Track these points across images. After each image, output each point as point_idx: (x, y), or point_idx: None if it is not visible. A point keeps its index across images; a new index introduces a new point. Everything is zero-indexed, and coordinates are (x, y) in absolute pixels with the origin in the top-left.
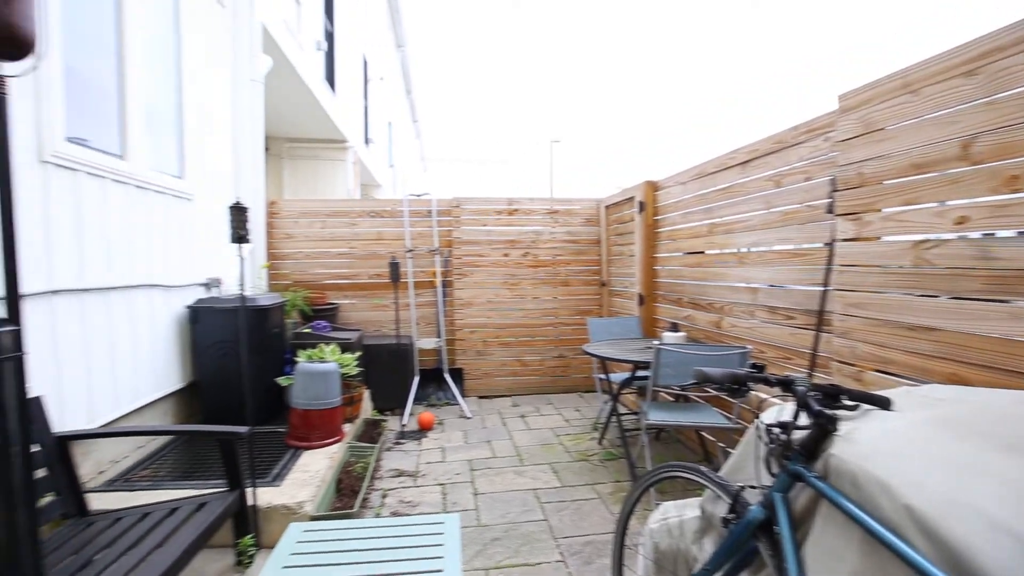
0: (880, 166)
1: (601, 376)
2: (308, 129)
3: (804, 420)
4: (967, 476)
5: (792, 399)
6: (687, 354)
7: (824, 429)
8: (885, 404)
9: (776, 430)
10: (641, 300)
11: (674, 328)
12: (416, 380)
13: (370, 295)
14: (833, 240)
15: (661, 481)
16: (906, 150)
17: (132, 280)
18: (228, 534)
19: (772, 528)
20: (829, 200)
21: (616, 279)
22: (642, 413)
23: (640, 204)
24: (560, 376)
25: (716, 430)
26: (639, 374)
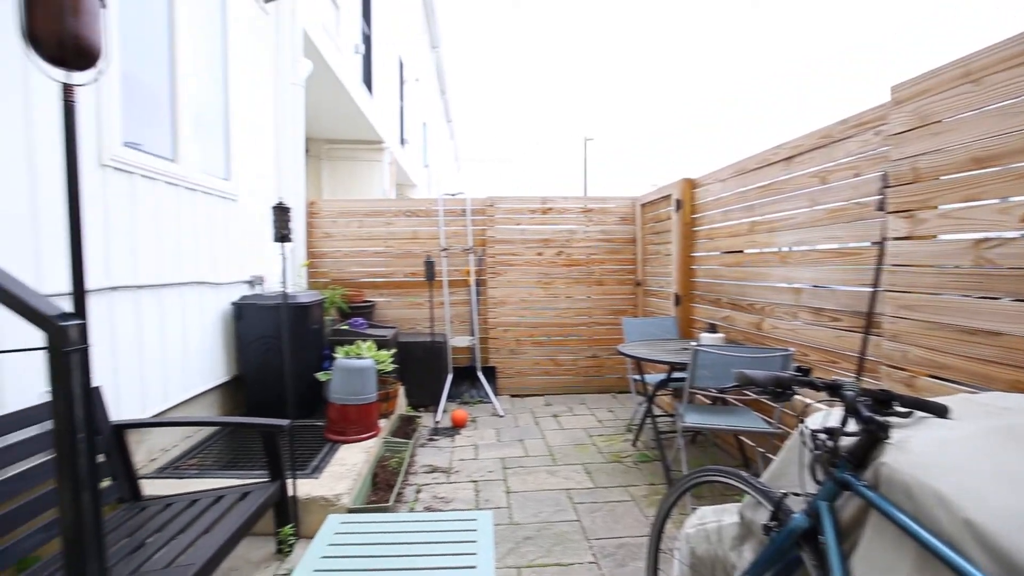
0: (936, 160)
1: (636, 377)
2: (346, 130)
3: (853, 427)
4: None
5: (840, 404)
6: (726, 356)
7: (875, 436)
8: (942, 412)
9: (822, 436)
10: (677, 300)
11: (712, 329)
12: (450, 378)
13: (405, 293)
14: (884, 239)
15: (699, 485)
16: (966, 143)
17: (182, 278)
18: (269, 523)
19: (817, 538)
20: (880, 197)
21: (652, 279)
22: (678, 415)
23: (677, 202)
24: (593, 376)
25: (755, 435)
26: (675, 375)
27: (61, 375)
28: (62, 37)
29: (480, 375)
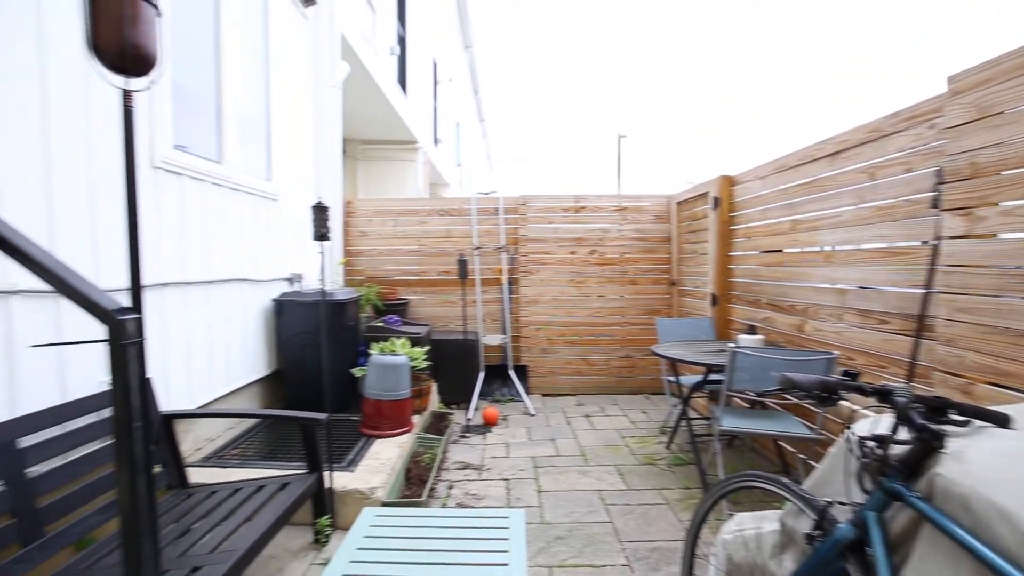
0: (998, 154)
1: (670, 378)
2: (381, 131)
3: (904, 435)
4: None
5: (890, 411)
6: (766, 358)
7: (928, 445)
8: (1003, 421)
9: (871, 444)
10: (714, 300)
11: (751, 330)
12: (481, 375)
13: (438, 291)
14: (938, 237)
15: (737, 491)
16: None
17: (227, 275)
18: (307, 513)
19: (864, 549)
20: (934, 193)
21: (687, 278)
22: (714, 419)
23: (715, 200)
24: (626, 377)
25: (796, 440)
26: (712, 378)
27: (119, 366)
28: (122, 46)
29: (512, 374)
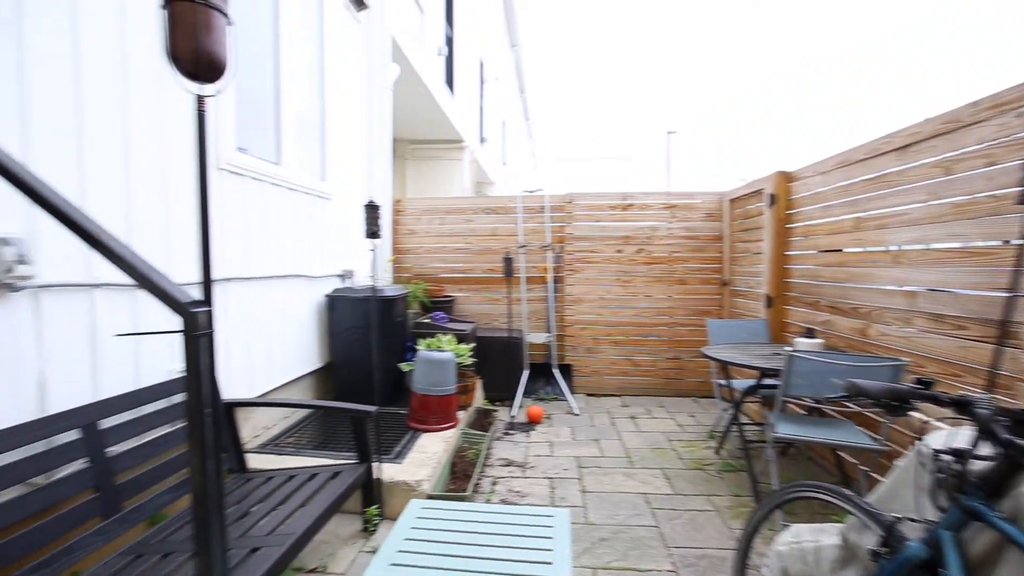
0: None
1: (721, 382)
2: (428, 131)
3: (986, 449)
4: None
5: (969, 423)
6: (826, 363)
7: (1014, 462)
8: None
9: (947, 458)
10: (769, 302)
11: (809, 334)
12: (526, 373)
13: (483, 289)
14: None
15: (793, 501)
16: None
17: (284, 271)
18: (356, 502)
19: (936, 570)
20: (1021, 188)
21: (740, 278)
22: (768, 425)
23: (770, 197)
24: (673, 379)
25: (857, 450)
26: (766, 382)
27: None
28: (197, 53)
29: (556, 372)
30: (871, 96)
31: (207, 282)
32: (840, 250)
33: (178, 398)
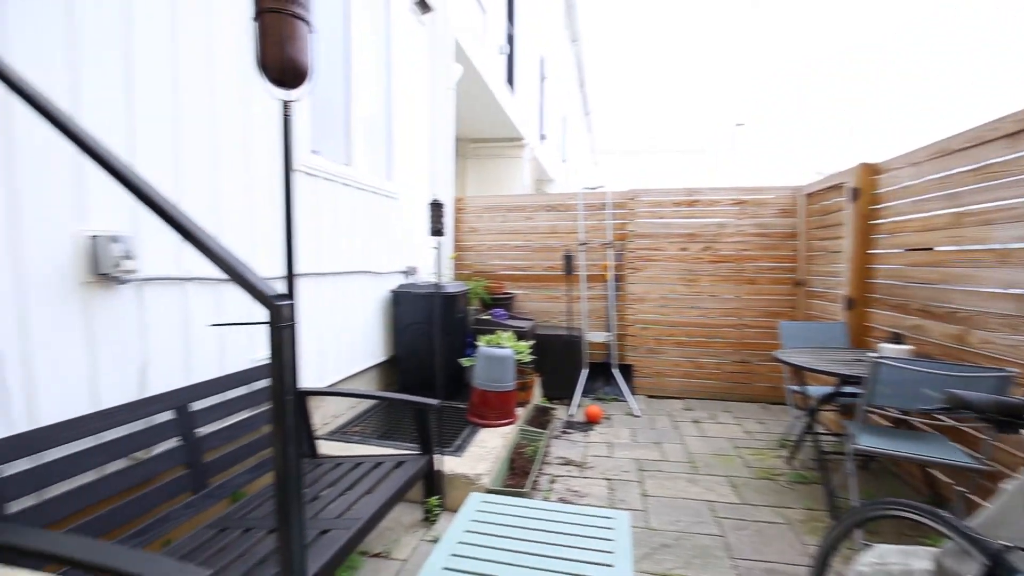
0: None
1: (794, 388)
2: (489, 129)
3: None
4: None
5: None
6: (917, 372)
7: None
8: None
9: None
10: (849, 304)
11: (896, 339)
12: (585, 372)
13: (543, 286)
14: None
15: (878, 519)
16: None
17: (353, 267)
18: (417, 492)
19: None
20: None
21: (816, 278)
22: (848, 436)
23: (853, 191)
24: (741, 383)
25: (953, 469)
26: (845, 390)
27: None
28: (283, 62)
29: (616, 372)
30: (963, 85)
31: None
32: (932, 248)
33: (257, 385)
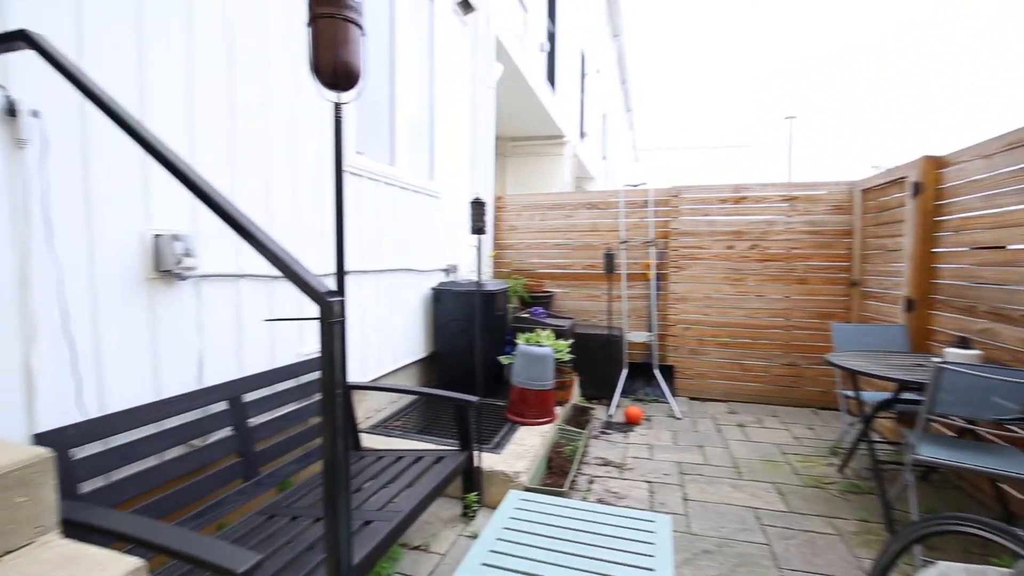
0: None
1: (848, 393)
2: (529, 128)
3: None
4: None
5: None
6: (987, 379)
7: None
8: None
9: None
10: (909, 305)
11: (963, 343)
12: (624, 372)
13: (583, 285)
14: None
15: (941, 534)
16: None
17: (395, 265)
18: (456, 487)
19: None
20: None
21: (872, 278)
22: (907, 445)
23: (914, 185)
24: (789, 386)
25: None
26: (904, 396)
27: (327, 341)
28: (336, 65)
29: (657, 373)
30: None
31: (340, 274)
32: (1005, 247)
33: (305, 378)
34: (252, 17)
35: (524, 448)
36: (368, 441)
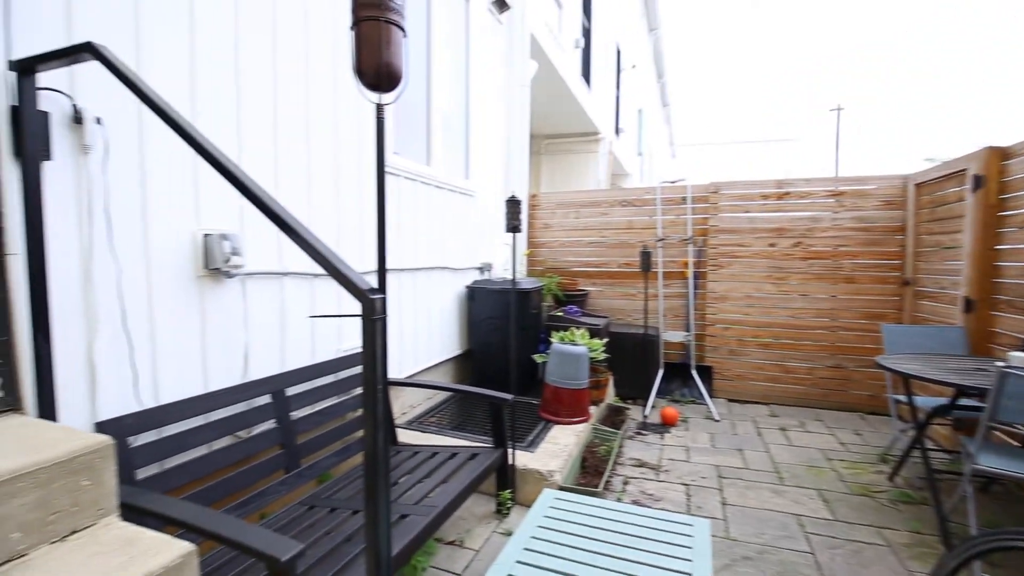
0: None
1: (899, 398)
2: (564, 125)
3: None
4: None
5: None
6: None
7: None
8: None
9: None
10: (968, 305)
11: None
12: (660, 373)
13: (618, 283)
14: None
15: (1006, 550)
16: None
17: (431, 263)
18: (490, 484)
19: None
20: None
21: (927, 276)
22: (966, 454)
23: (975, 179)
24: (835, 389)
25: None
26: (962, 402)
27: (369, 337)
28: (379, 67)
29: (694, 374)
30: None
31: (382, 272)
32: None
33: (343, 373)
34: (296, 23)
35: (558, 447)
36: (404, 436)
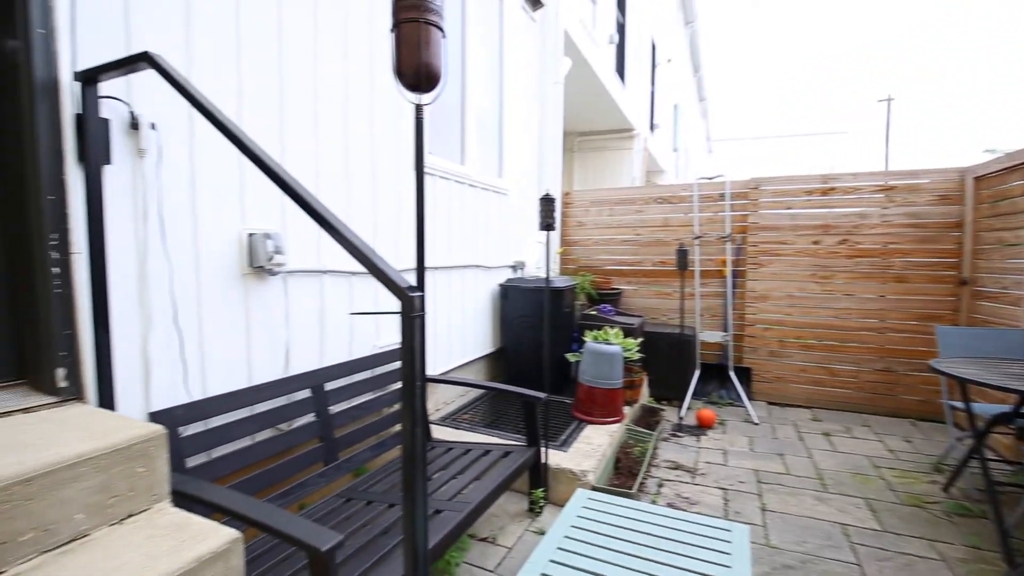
0: None
1: (955, 404)
2: (598, 121)
3: None
4: None
5: None
6: None
7: None
8: None
9: None
10: None
11: None
12: (697, 373)
13: (652, 282)
14: None
15: None
16: None
17: (464, 261)
18: (522, 483)
19: None
20: None
21: (987, 276)
22: None
23: None
24: (883, 394)
25: None
26: None
27: (408, 334)
28: (419, 67)
29: (732, 375)
30: None
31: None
32: None
33: (379, 370)
34: (336, 25)
35: (591, 447)
36: (438, 432)
